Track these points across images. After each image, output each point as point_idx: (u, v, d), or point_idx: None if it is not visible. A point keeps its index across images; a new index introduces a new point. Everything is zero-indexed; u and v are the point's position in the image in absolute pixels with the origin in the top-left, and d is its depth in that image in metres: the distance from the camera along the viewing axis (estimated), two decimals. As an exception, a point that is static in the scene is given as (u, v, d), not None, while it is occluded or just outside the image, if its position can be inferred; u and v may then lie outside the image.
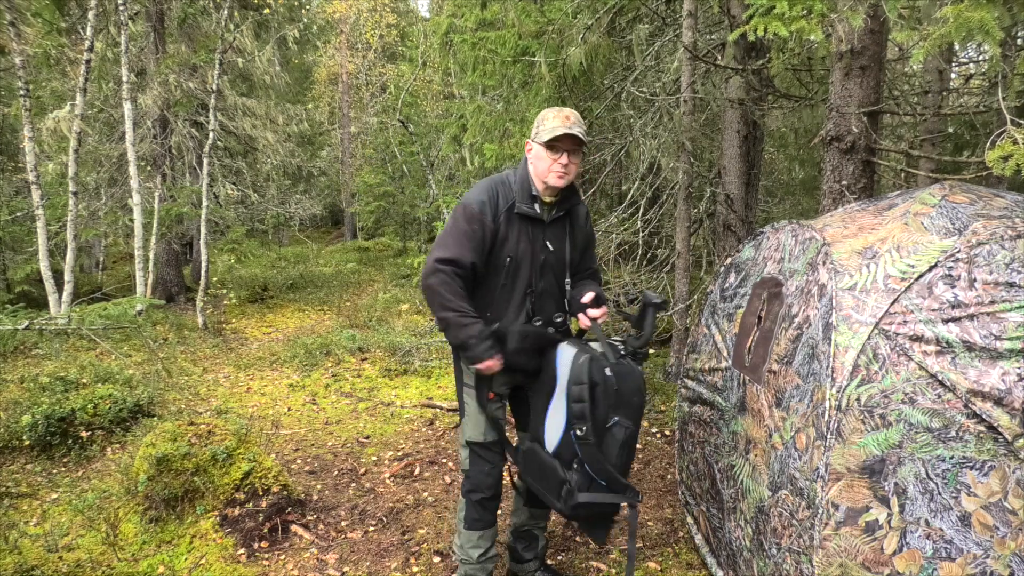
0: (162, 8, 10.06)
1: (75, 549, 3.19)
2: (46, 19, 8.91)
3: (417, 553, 3.18)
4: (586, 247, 2.64)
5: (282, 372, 6.57)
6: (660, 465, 4.10)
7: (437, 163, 13.71)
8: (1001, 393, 1.94)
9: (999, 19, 2.38)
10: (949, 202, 2.40)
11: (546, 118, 2.41)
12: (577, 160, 2.43)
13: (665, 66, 6.39)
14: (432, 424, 5.03)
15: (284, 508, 3.44)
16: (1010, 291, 2.02)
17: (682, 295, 5.20)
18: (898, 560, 2.00)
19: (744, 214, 5.77)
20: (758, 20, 2.96)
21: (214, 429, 3.62)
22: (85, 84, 7.61)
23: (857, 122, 3.76)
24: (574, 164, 2.42)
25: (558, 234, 2.52)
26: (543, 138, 2.37)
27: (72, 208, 7.64)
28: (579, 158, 2.44)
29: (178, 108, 10.19)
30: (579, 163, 2.45)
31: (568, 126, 2.35)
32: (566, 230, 2.54)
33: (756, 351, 2.61)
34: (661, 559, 3.09)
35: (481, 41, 5.44)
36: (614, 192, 9.22)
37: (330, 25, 20.04)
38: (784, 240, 2.77)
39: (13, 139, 11.02)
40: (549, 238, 2.49)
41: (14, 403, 4.63)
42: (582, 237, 2.59)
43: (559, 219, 2.52)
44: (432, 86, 16.96)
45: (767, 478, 2.35)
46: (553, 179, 2.40)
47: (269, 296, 11.05)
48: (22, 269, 9.17)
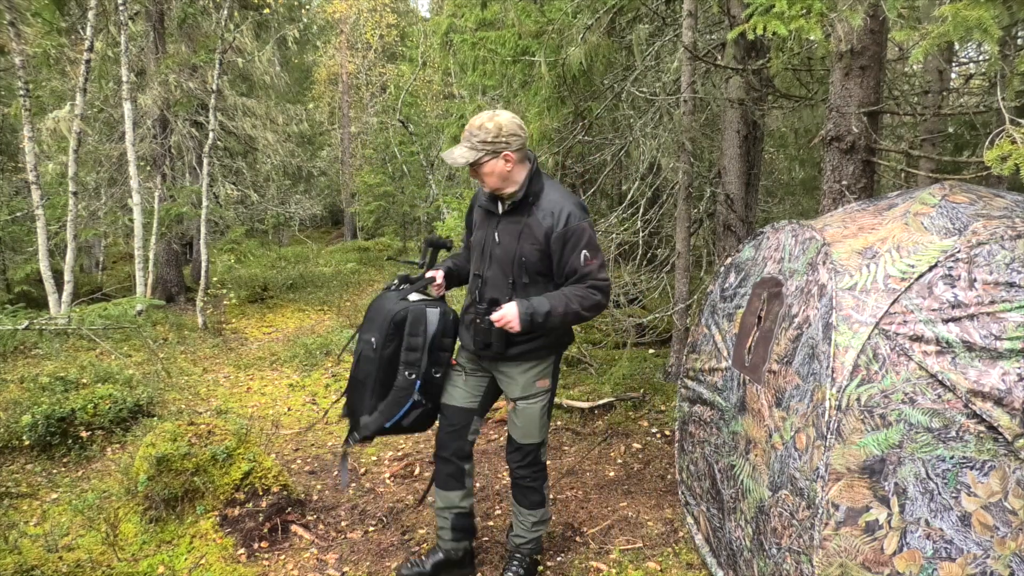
0: (162, 8, 10.05)
1: (75, 549, 3.19)
2: (46, 19, 8.91)
3: (417, 553, 3.18)
4: (558, 252, 2.54)
5: (282, 372, 6.57)
6: (660, 465, 4.10)
7: (437, 163, 13.71)
8: (1001, 393, 1.94)
9: (998, 18, 2.38)
10: (949, 202, 2.40)
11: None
12: (484, 170, 2.51)
13: (665, 66, 6.38)
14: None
15: (284, 508, 3.44)
16: (1010, 291, 2.02)
17: (682, 295, 5.20)
18: (898, 560, 2.00)
19: (744, 214, 5.77)
20: (757, 19, 2.96)
21: (214, 429, 3.62)
22: (85, 84, 7.61)
23: (857, 122, 3.76)
24: (484, 174, 2.52)
25: (510, 230, 2.59)
26: None
27: (72, 208, 7.64)
28: (486, 167, 2.50)
29: (178, 108, 10.19)
30: (492, 169, 2.50)
31: (449, 152, 2.53)
32: (520, 229, 2.57)
33: (756, 351, 2.61)
34: (661, 559, 3.09)
35: (481, 41, 5.43)
36: (614, 192, 9.22)
37: (330, 25, 20.04)
38: (784, 240, 2.77)
39: (13, 139, 11.01)
40: (500, 232, 2.61)
41: (14, 403, 4.63)
42: (542, 239, 2.54)
43: (513, 218, 2.60)
44: (432, 86, 16.95)
45: (767, 478, 2.35)
46: (484, 186, 2.60)
47: (269, 296, 11.05)
48: (22, 269, 9.16)
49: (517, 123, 2.51)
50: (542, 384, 2.69)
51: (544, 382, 2.69)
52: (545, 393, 2.71)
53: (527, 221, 2.56)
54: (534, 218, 2.55)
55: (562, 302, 2.48)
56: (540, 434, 2.74)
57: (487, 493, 3.81)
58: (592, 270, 2.51)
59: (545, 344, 2.65)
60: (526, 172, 2.57)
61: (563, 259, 2.53)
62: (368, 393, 2.65)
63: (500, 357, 2.63)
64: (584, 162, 7.54)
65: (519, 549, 2.90)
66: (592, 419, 4.87)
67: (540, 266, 2.57)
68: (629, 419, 4.79)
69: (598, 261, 2.53)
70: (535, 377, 2.67)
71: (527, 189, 2.56)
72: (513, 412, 2.73)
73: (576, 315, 2.50)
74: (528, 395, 2.67)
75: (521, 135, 2.52)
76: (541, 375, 2.68)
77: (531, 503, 2.81)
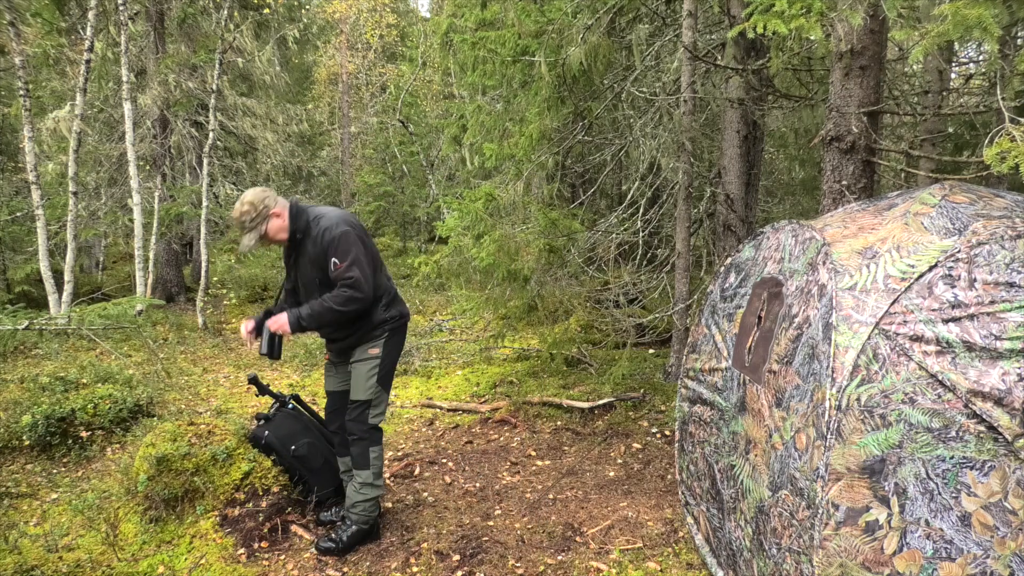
0: (162, 8, 10.05)
1: (75, 549, 3.19)
2: (46, 19, 8.90)
3: (417, 553, 3.18)
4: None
5: (282, 372, 6.57)
6: (660, 465, 4.10)
7: (437, 163, 13.72)
8: (1001, 393, 1.94)
9: (997, 16, 2.38)
10: (949, 202, 2.40)
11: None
12: (253, 247, 3.08)
13: (665, 66, 6.39)
14: (432, 424, 5.03)
15: (284, 508, 3.43)
16: (1010, 291, 2.02)
17: (682, 295, 5.20)
18: (898, 560, 2.00)
19: (744, 214, 5.77)
20: (757, 18, 2.96)
21: (214, 429, 3.62)
22: (85, 84, 7.61)
23: (857, 122, 3.76)
24: (252, 248, 3.09)
25: (303, 257, 3.15)
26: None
27: (72, 208, 7.64)
28: (252, 243, 3.05)
29: (178, 108, 10.19)
30: (256, 239, 3.04)
31: (241, 241, 3.08)
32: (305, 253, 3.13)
33: (756, 351, 2.61)
34: (661, 559, 3.09)
35: (481, 41, 5.43)
36: (614, 192, 9.23)
37: (330, 25, 20.02)
38: (784, 240, 2.77)
39: (13, 139, 11.01)
40: (297, 261, 3.19)
41: (14, 403, 4.62)
42: (319, 256, 3.07)
43: (299, 247, 3.15)
44: (432, 86, 16.95)
45: (767, 478, 2.35)
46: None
47: (269, 296, 11.03)
48: (22, 269, 9.16)
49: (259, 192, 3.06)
50: (373, 352, 3.19)
51: (375, 350, 3.19)
52: (374, 360, 3.18)
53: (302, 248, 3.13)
54: (303, 245, 3.12)
55: (318, 305, 3.02)
56: (365, 393, 3.18)
57: (487, 493, 3.81)
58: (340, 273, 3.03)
59: (365, 331, 3.17)
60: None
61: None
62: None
63: (341, 347, 3.26)
64: (584, 162, 7.55)
65: (349, 512, 3.25)
66: (592, 419, 4.87)
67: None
68: (629, 419, 4.79)
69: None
70: (369, 347, 3.19)
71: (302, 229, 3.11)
72: (348, 372, 3.23)
73: (331, 311, 3.00)
74: (360, 359, 3.18)
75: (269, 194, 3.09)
76: (373, 345, 3.20)
77: (357, 462, 3.20)
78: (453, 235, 5.47)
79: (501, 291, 5.77)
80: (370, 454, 3.19)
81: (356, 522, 3.21)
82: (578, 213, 6.39)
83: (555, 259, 5.50)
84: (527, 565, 3.06)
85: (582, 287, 6.10)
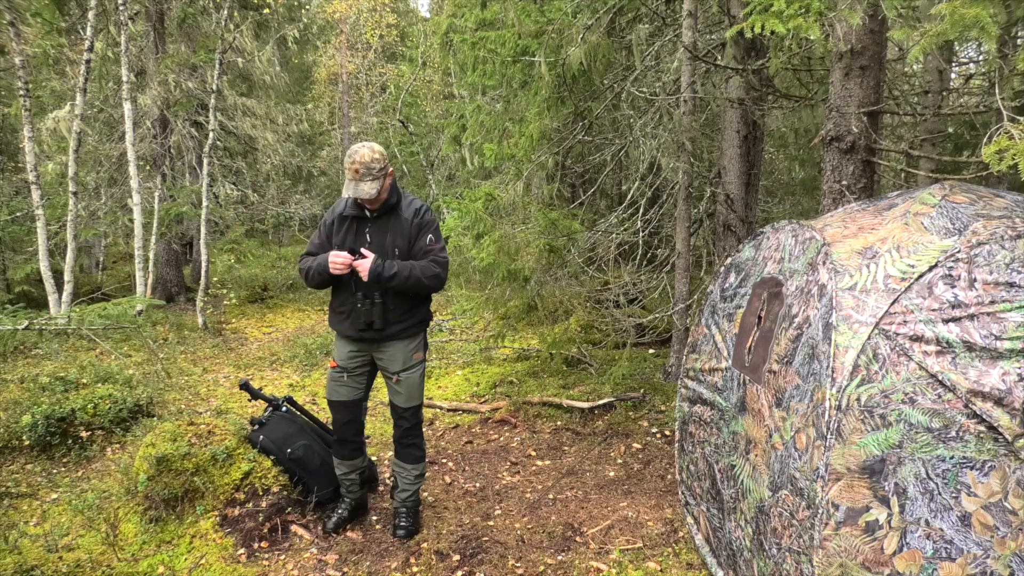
0: (162, 8, 10.05)
1: (75, 549, 3.19)
2: (46, 19, 8.90)
3: (417, 553, 3.18)
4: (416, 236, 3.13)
5: (282, 372, 6.57)
6: (660, 465, 4.10)
7: (437, 163, 13.71)
8: (1001, 393, 1.94)
9: (995, 16, 2.38)
10: (949, 202, 2.40)
11: (345, 166, 2.95)
12: (374, 197, 2.96)
13: (665, 66, 6.38)
14: (432, 424, 5.03)
15: (284, 508, 3.43)
16: (1010, 291, 2.02)
17: (682, 295, 5.20)
18: (898, 560, 2.00)
19: (744, 214, 5.77)
20: (755, 17, 2.96)
21: (214, 429, 3.62)
22: (85, 84, 7.61)
23: (857, 122, 3.76)
24: (372, 199, 2.97)
25: (381, 228, 3.09)
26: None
27: (72, 208, 7.64)
28: (375, 192, 2.94)
29: (178, 108, 10.19)
30: (378, 189, 2.95)
31: (356, 188, 2.91)
32: (389, 225, 3.10)
33: (756, 351, 2.61)
34: (661, 559, 3.09)
35: (481, 41, 5.43)
36: (614, 192, 9.23)
37: (330, 25, 20.02)
38: (784, 240, 2.77)
39: (13, 139, 11.01)
40: (371, 232, 3.09)
41: (14, 403, 4.62)
42: (409, 228, 3.10)
43: (380, 218, 3.10)
44: (432, 86, 16.94)
45: (767, 478, 2.35)
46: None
47: (269, 296, 11.05)
48: (22, 269, 9.16)
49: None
50: (418, 356, 3.24)
51: (419, 355, 3.25)
52: (421, 363, 3.26)
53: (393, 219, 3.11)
54: (397, 215, 3.11)
55: (407, 268, 3.00)
56: (420, 396, 3.30)
57: (487, 493, 3.81)
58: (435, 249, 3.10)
59: (415, 322, 3.18)
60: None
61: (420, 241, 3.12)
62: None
63: (380, 336, 3.11)
64: (584, 162, 7.54)
65: (405, 503, 3.37)
66: (592, 419, 4.87)
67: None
68: (629, 419, 4.79)
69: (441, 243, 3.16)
70: (413, 351, 3.21)
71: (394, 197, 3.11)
72: (396, 384, 3.21)
73: (417, 281, 3.01)
74: (408, 367, 3.20)
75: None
76: (416, 349, 3.23)
77: (414, 458, 3.32)
78: (453, 235, 5.47)
79: (501, 291, 5.78)
80: (423, 446, 3.41)
81: (414, 505, 3.42)
82: (578, 213, 6.39)
83: (555, 259, 5.51)
84: (527, 565, 3.06)
85: (582, 287, 6.09)
